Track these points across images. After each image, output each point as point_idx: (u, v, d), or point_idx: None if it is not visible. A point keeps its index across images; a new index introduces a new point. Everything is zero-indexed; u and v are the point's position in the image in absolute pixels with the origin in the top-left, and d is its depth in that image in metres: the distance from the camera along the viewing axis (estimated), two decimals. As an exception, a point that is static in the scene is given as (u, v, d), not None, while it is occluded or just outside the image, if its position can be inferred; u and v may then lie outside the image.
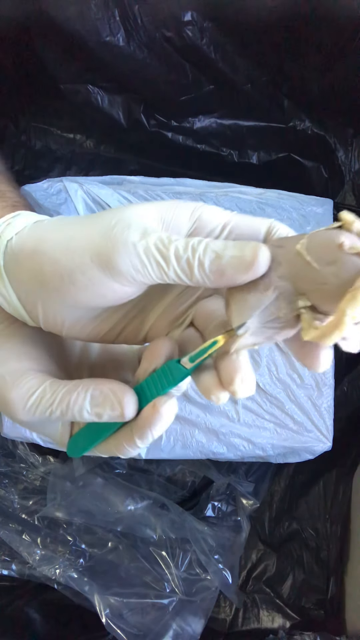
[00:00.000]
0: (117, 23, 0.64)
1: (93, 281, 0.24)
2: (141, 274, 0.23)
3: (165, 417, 0.25)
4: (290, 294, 0.22)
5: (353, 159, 0.75)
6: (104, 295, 0.24)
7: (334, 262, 0.21)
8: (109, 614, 0.60)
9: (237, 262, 0.22)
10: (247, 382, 0.24)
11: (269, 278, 0.23)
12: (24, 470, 0.71)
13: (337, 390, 0.70)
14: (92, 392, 0.25)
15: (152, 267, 0.23)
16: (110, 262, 0.23)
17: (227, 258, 0.22)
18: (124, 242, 0.23)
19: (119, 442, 0.26)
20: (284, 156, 0.78)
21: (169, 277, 0.23)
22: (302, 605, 0.71)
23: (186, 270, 0.23)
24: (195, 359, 0.25)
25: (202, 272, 0.22)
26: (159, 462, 0.72)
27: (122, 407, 0.25)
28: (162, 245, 0.23)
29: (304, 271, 0.22)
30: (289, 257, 0.22)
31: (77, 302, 0.25)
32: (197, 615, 0.63)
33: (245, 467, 0.73)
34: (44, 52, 0.68)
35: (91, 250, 0.23)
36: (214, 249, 0.22)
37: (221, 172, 0.78)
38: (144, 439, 0.25)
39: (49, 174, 0.82)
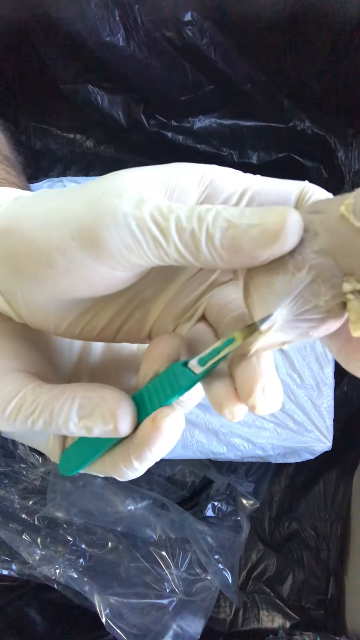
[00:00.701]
0: (117, 23, 0.64)
1: (75, 263, 0.19)
2: (134, 253, 0.18)
3: (167, 434, 0.20)
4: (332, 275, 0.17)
5: (353, 159, 0.75)
6: (90, 281, 0.19)
7: None
8: (109, 614, 0.60)
9: (257, 232, 0.16)
10: (270, 393, 0.18)
11: (302, 254, 0.17)
12: (24, 470, 0.71)
13: (337, 390, 0.70)
14: (80, 400, 0.20)
15: (147, 244, 0.18)
16: (96, 239, 0.18)
17: (244, 228, 0.17)
18: (112, 213, 0.18)
19: (115, 462, 0.21)
20: (284, 156, 0.78)
21: (169, 255, 0.18)
22: (302, 605, 0.71)
23: (190, 245, 0.17)
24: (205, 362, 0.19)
25: (212, 247, 0.17)
26: (159, 462, 0.71)
27: (116, 420, 0.20)
28: (161, 216, 0.17)
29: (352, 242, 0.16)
30: (329, 224, 0.17)
31: (58, 290, 0.20)
32: (197, 615, 0.63)
33: (245, 467, 0.73)
34: (44, 52, 0.68)
35: (72, 225, 0.18)
36: (226, 218, 0.17)
37: (221, 172, 0.78)
38: (142, 461, 0.20)
39: (49, 174, 0.82)
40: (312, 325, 0.18)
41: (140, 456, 0.20)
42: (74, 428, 0.20)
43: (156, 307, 0.23)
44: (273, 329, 0.18)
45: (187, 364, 0.20)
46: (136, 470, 0.21)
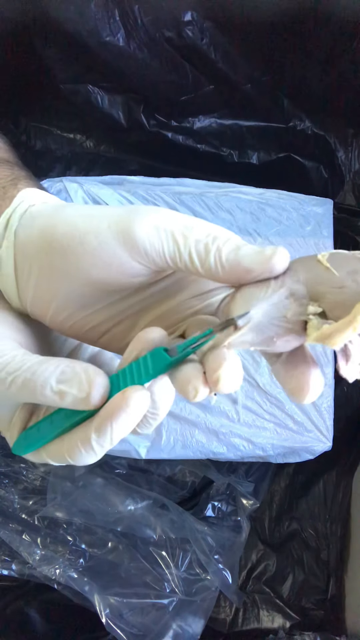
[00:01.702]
0: (117, 23, 0.64)
1: (104, 246, 0.23)
2: (155, 250, 0.22)
3: (133, 409, 0.21)
4: (302, 297, 0.22)
5: (353, 159, 0.75)
6: (110, 265, 0.23)
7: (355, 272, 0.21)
8: (109, 614, 0.60)
9: (255, 254, 0.22)
10: (233, 375, 0.21)
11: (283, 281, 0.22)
12: (24, 470, 0.71)
13: (337, 390, 0.70)
14: (63, 367, 0.22)
15: (168, 244, 0.22)
16: (128, 230, 0.22)
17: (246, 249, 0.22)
18: (147, 216, 0.23)
19: (72, 441, 0.22)
20: (284, 156, 0.78)
21: (181, 257, 0.22)
22: (302, 605, 0.71)
23: (202, 253, 0.22)
24: (183, 348, 0.22)
25: (218, 258, 0.22)
26: (159, 462, 0.72)
27: (91, 388, 0.22)
28: (185, 228, 0.22)
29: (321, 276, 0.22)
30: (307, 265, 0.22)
31: (78, 268, 0.23)
32: (197, 615, 0.63)
33: (245, 467, 0.73)
34: (44, 52, 0.68)
35: (111, 218, 0.23)
36: (236, 242, 0.22)
37: (221, 172, 0.78)
38: (101, 434, 0.21)
39: (49, 174, 0.82)
40: (277, 332, 0.22)
41: (101, 428, 0.21)
42: (49, 393, 0.22)
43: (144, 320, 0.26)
44: (246, 327, 0.22)
45: (167, 350, 0.23)
46: (91, 450, 0.22)
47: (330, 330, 0.20)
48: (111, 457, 0.69)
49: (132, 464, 0.71)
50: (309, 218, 0.68)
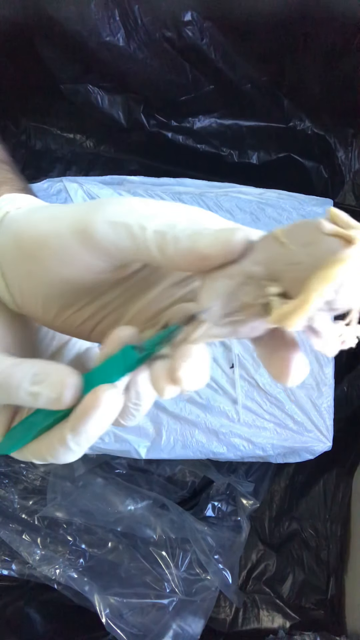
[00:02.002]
0: (117, 23, 0.64)
1: (65, 248, 0.23)
2: (115, 245, 0.22)
3: (104, 407, 0.21)
4: (260, 278, 0.21)
5: (353, 159, 0.75)
6: (74, 265, 0.23)
7: (310, 244, 0.20)
8: (109, 614, 0.60)
9: (212, 238, 0.21)
10: (194, 371, 0.21)
11: (242, 264, 0.21)
12: (24, 470, 0.71)
13: (337, 390, 0.70)
14: (36, 369, 0.23)
15: (127, 238, 0.22)
16: (85, 228, 0.22)
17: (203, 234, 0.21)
18: (103, 212, 0.22)
19: (50, 440, 0.23)
20: (284, 156, 0.78)
21: (139, 248, 0.22)
22: (302, 605, 0.71)
23: (160, 242, 0.21)
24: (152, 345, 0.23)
25: (177, 246, 0.21)
26: (159, 462, 0.72)
27: (63, 389, 0.22)
28: (143, 219, 0.22)
29: (278, 254, 0.20)
30: (265, 244, 0.21)
31: (49, 270, 0.24)
32: (197, 615, 0.63)
33: (245, 467, 0.73)
34: (44, 52, 0.68)
35: (70, 218, 0.23)
36: (193, 228, 0.21)
37: (221, 172, 0.78)
38: (76, 433, 0.22)
39: (49, 174, 0.82)
40: (240, 320, 0.21)
41: (76, 428, 0.22)
42: (23, 394, 0.22)
43: (129, 313, 0.26)
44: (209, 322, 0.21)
45: (136, 347, 0.23)
46: (69, 448, 0.22)
47: (284, 311, 0.19)
48: (111, 457, 0.69)
49: (132, 464, 0.71)
50: (309, 218, 0.68)
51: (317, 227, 0.20)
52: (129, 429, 0.61)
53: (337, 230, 0.19)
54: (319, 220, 0.20)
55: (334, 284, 0.19)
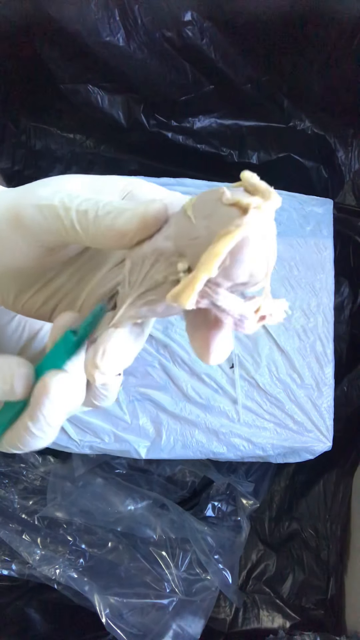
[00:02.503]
0: (117, 23, 0.64)
1: (1, 235, 0.23)
2: (43, 229, 0.22)
3: (54, 393, 0.22)
4: (171, 256, 0.20)
5: (353, 159, 0.75)
6: (13, 252, 0.23)
7: (210, 215, 0.19)
8: (109, 614, 0.60)
9: (129, 214, 0.21)
10: (108, 356, 0.21)
11: (155, 240, 0.21)
12: (24, 470, 0.71)
13: (337, 390, 0.70)
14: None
15: (52, 220, 0.22)
16: (16, 215, 0.22)
17: (121, 210, 0.21)
18: (31, 196, 0.22)
19: (17, 429, 0.23)
20: (284, 156, 0.78)
21: (67, 231, 0.22)
22: (302, 605, 0.71)
23: (82, 222, 0.21)
24: (84, 328, 0.23)
25: (97, 225, 0.21)
26: (159, 462, 0.72)
27: (13, 379, 0.23)
28: (68, 199, 0.22)
29: (183, 227, 0.20)
30: (177, 216, 0.20)
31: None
32: (197, 615, 0.63)
33: (245, 467, 0.73)
34: (44, 52, 0.68)
35: (5, 206, 0.23)
36: (114, 205, 0.21)
37: (221, 172, 0.78)
38: (35, 421, 0.22)
39: (49, 174, 0.81)
40: (155, 298, 0.21)
41: (33, 416, 0.22)
42: None
43: (82, 294, 0.26)
44: (126, 303, 0.21)
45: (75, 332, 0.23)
46: (34, 435, 0.23)
47: (177, 289, 0.19)
48: (111, 457, 0.69)
49: (132, 464, 0.71)
50: (309, 218, 0.68)
51: (218, 197, 0.19)
52: (129, 429, 0.61)
53: (235, 199, 0.18)
54: (221, 189, 0.19)
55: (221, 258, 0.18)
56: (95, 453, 0.63)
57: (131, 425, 0.61)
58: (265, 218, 0.19)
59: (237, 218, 0.18)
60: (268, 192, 0.19)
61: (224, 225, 0.18)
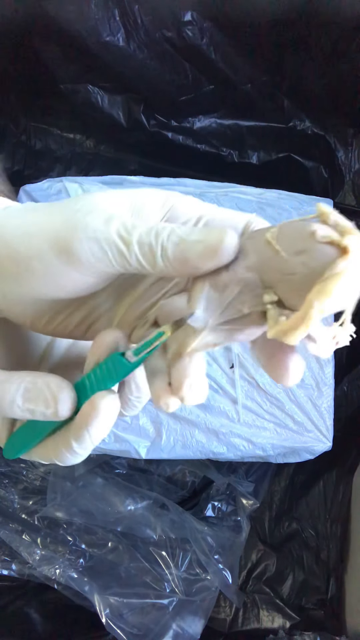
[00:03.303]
0: (117, 23, 0.64)
1: (51, 269, 0.22)
2: (101, 262, 0.21)
3: (104, 414, 0.22)
4: (256, 287, 0.20)
5: (353, 159, 0.75)
6: (64, 285, 0.22)
7: (304, 252, 0.19)
8: (109, 614, 0.60)
9: (201, 246, 0.20)
10: (195, 388, 0.21)
11: (235, 270, 0.21)
12: (24, 470, 0.71)
13: (337, 390, 0.70)
14: (26, 384, 0.23)
15: (112, 254, 0.21)
16: (69, 249, 0.21)
17: (191, 243, 0.20)
18: (84, 228, 0.21)
19: (56, 446, 0.23)
20: (284, 156, 0.78)
21: (131, 264, 0.21)
22: (302, 605, 0.71)
23: (148, 256, 0.20)
24: (140, 352, 0.22)
25: (165, 258, 0.20)
26: (159, 462, 0.72)
27: (56, 403, 0.22)
28: (125, 231, 0.21)
29: (272, 261, 0.20)
30: (258, 247, 0.20)
31: (34, 291, 0.23)
32: (197, 615, 0.63)
33: (245, 467, 0.73)
34: (44, 52, 0.68)
35: (50, 236, 0.21)
36: (178, 234, 0.21)
37: (221, 172, 0.78)
38: (81, 442, 0.22)
39: (49, 174, 0.82)
40: (237, 328, 0.21)
41: (79, 437, 0.22)
42: (18, 410, 0.23)
43: (120, 312, 0.26)
44: (205, 331, 0.21)
45: (124, 354, 0.23)
46: (76, 453, 0.23)
47: (285, 327, 0.19)
48: (111, 457, 0.69)
49: (132, 464, 0.71)
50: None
51: (310, 234, 0.19)
52: (129, 429, 0.61)
53: (331, 237, 0.19)
54: (311, 225, 0.19)
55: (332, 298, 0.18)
56: (95, 453, 0.63)
57: (131, 425, 0.61)
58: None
59: (340, 259, 0.18)
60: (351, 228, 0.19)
61: (323, 264, 0.19)
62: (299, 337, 0.19)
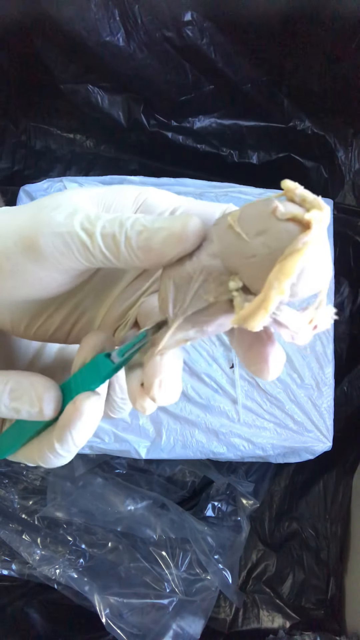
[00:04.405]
0: (117, 23, 0.64)
1: (18, 267, 0.21)
2: (66, 257, 0.20)
3: (87, 416, 0.21)
4: (220, 275, 0.19)
5: (353, 159, 0.75)
6: (32, 283, 0.22)
7: (265, 231, 0.18)
8: (109, 614, 0.60)
9: (165, 234, 0.19)
10: (166, 387, 0.21)
11: (199, 258, 0.20)
12: (24, 470, 0.71)
13: (337, 390, 0.70)
14: (12, 384, 0.23)
15: (76, 247, 0.20)
16: (34, 245, 0.20)
17: (155, 230, 0.20)
18: (47, 223, 0.20)
19: (40, 447, 0.23)
20: (284, 156, 0.78)
21: (95, 257, 0.20)
22: (302, 605, 0.71)
23: (112, 247, 0.20)
24: (123, 354, 0.22)
25: (129, 247, 0.20)
26: (159, 462, 0.72)
27: (41, 403, 0.22)
28: (89, 223, 0.20)
29: (233, 245, 0.19)
30: (220, 232, 0.19)
31: (6, 292, 0.22)
32: (197, 615, 0.63)
33: (245, 467, 0.73)
34: (44, 52, 0.68)
35: (16, 234, 0.21)
36: (142, 223, 0.20)
37: (221, 172, 0.78)
38: (63, 442, 0.22)
39: (49, 174, 0.82)
40: (206, 320, 0.20)
41: (62, 438, 0.22)
42: (4, 409, 0.23)
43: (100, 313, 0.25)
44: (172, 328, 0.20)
45: (110, 355, 0.22)
46: (59, 455, 0.23)
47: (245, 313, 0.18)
48: (111, 457, 0.69)
49: (132, 464, 0.71)
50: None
51: (271, 212, 0.18)
52: (129, 429, 0.61)
53: (292, 213, 0.18)
54: (272, 202, 0.18)
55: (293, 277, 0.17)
56: (95, 453, 0.63)
57: (131, 425, 0.61)
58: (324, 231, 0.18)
59: (301, 234, 0.17)
60: (318, 202, 0.18)
61: (284, 242, 0.17)
62: (260, 322, 0.18)
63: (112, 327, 0.25)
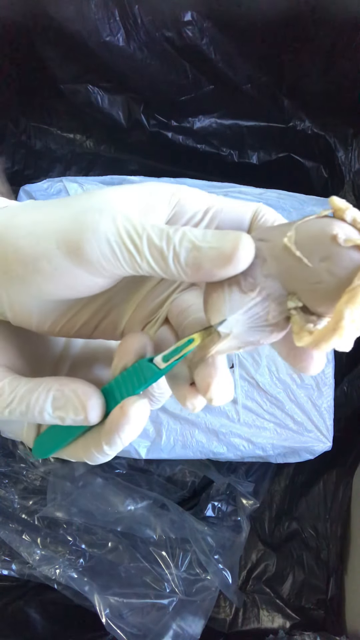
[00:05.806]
0: (117, 23, 0.64)
1: (60, 270, 0.21)
2: (112, 264, 0.21)
3: (134, 420, 0.22)
4: (279, 294, 0.20)
5: (353, 159, 0.75)
6: (73, 286, 0.22)
7: (328, 258, 0.19)
8: (109, 614, 0.60)
9: (215, 254, 0.20)
10: (223, 388, 0.22)
11: (254, 277, 0.20)
12: (24, 470, 0.71)
13: (337, 390, 0.70)
14: (54, 393, 0.23)
15: (123, 257, 0.20)
16: (79, 250, 0.21)
17: (204, 249, 0.20)
18: (94, 229, 0.20)
19: (87, 448, 0.24)
20: (284, 156, 0.78)
21: (142, 268, 0.21)
22: (302, 605, 0.71)
23: (160, 261, 0.20)
24: (168, 359, 0.22)
25: (178, 264, 0.20)
26: (159, 462, 0.72)
27: (86, 411, 0.23)
28: (135, 233, 0.20)
29: (294, 268, 0.19)
30: (275, 252, 0.20)
31: (43, 292, 0.22)
32: (197, 615, 0.63)
33: (245, 467, 0.73)
34: (44, 52, 0.68)
35: (58, 236, 0.21)
36: (190, 239, 0.20)
37: (221, 172, 0.78)
38: (112, 445, 0.23)
39: (49, 174, 0.82)
40: (263, 335, 0.21)
41: (110, 441, 0.22)
42: (49, 418, 0.23)
43: (128, 309, 0.25)
44: (230, 337, 0.21)
45: (152, 360, 0.23)
46: (106, 455, 0.23)
47: (317, 337, 0.19)
48: (111, 457, 0.69)
49: (132, 464, 0.71)
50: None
51: (332, 238, 0.19)
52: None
53: (355, 242, 0.19)
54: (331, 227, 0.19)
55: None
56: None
57: (131, 425, 0.61)
58: None
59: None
60: None
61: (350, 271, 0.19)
62: (332, 347, 0.19)
63: (141, 324, 0.26)
